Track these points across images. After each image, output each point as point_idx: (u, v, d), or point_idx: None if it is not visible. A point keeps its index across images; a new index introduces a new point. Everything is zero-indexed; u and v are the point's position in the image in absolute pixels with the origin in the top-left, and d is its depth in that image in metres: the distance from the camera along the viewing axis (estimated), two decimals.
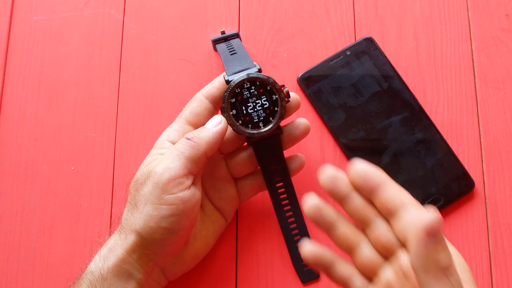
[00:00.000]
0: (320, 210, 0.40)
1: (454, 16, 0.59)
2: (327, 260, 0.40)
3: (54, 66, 0.59)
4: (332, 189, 0.39)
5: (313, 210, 0.40)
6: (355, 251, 0.40)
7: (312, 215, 0.40)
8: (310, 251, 0.40)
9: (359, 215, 0.39)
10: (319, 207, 0.40)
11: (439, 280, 0.33)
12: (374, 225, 0.39)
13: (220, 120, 0.47)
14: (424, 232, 0.32)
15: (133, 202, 0.45)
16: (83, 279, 0.43)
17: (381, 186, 0.38)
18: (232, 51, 0.52)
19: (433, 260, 0.33)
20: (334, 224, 0.40)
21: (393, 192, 0.37)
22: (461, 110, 0.56)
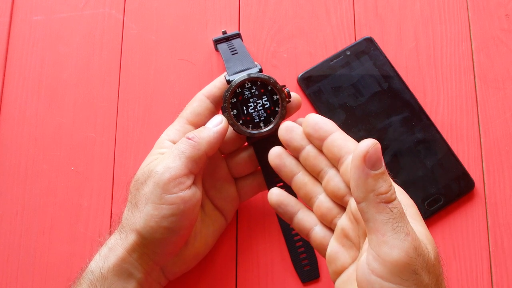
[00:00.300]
0: (282, 158, 0.43)
1: (454, 16, 0.59)
2: (291, 208, 0.44)
3: (54, 66, 0.59)
4: (288, 140, 0.43)
5: (274, 156, 0.44)
6: (313, 202, 0.43)
7: (274, 163, 0.44)
8: (276, 196, 0.44)
9: (312, 165, 0.42)
10: (281, 154, 0.44)
11: (380, 208, 0.33)
12: (326, 175, 0.42)
13: (221, 119, 0.47)
14: (361, 159, 0.33)
15: (133, 201, 0.45)
16: (84, 278, 0.43)
17: (329, 135, 0.40)
18: (234, 51, 0.52)
19: (373, 188, 0.33)
20: (294, 172, 0.43)
21: (339, 140, 0.40)
22: (461, 110, 0.56)
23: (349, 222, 0.40)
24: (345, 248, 0.40)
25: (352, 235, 0.40)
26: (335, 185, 0.41)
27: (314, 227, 0.43)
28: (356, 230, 0.39)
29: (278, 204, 0.44)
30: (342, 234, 0.40)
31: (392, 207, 0.33)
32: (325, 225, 0.42)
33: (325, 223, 0.42)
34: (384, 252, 0.33)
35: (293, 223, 0.44)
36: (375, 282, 0.33)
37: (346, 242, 0.40)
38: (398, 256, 0.33)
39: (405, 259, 0.33)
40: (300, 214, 0.43)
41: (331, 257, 0.41)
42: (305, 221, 0.43)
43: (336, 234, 0.41)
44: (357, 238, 0.39)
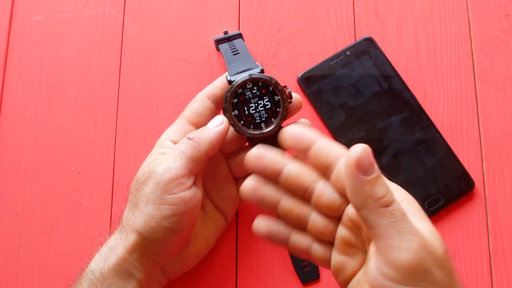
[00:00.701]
0: (257, 190, 0.40)
1: (454, 16, 0.59)
2: (282, 234, 0.41)
3: (54, 66, 0.59)
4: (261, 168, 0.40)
5: (249, 192, 0.40)
6: (306, 223, 0.40)
7: (250, 198, 0.40)
8: (263, 228, 0.41)
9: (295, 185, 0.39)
10: (255, 188, 0.40)
11: (381, 213, 0.33)
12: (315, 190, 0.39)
13: (222, 120, 0.47)
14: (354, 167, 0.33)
15: (134, 201, 0.45)
16: (84, 278, 0.43)
17: (312, 144, 0.38)
18: (235, 51, 0.52)
19: (370, 194, 0.33)
20: (276, 200, 0.40)
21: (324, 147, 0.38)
22: (461, 110, 0.56)
23: (348, 231, 0.38)
24: (349, 256, 0.39)
25: (355, 241, 0.38)
26: (329, 198, 0.38)
27: (312, 246, 0.40)
28: (358, 236, 0.38)
29: (268, 234, 0.41)
30: (344, 244, 0.39)
31: (393, 209, 0.33)
32: (322, 241, 0.40)
33: (323, 239, 0.40)
34: (393, 257, 0.33)
35: (288, 247, 0.41)
36: (391, 287, 0.33)
37: (349, 250, 0.39)
38: (408, 258, 0.32)
39: (416, 260, 0.32)
40: (293, 238, 0.41)
41: (337, 268, 0.39)
42: (301, 243, 0.40)
43: (337, 246, 0.39)
44: (361, 243, 0.38)
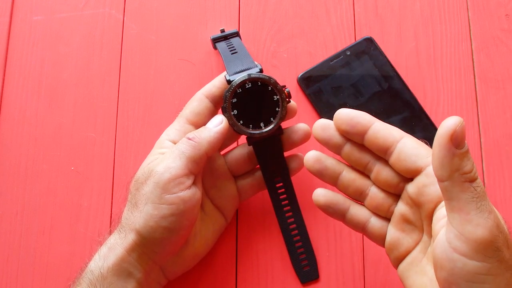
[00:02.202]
0: (321, 161, 0.42)
1: (454, 16, 0.59)
2: (341, 206, 0.42)
3: (54, 66, 0.59)
4: (326, 138, 0.41)
5: (313, 161, 0.42)
6: (365, 195, 0.42)
7: (315, 168, 0.42)
8: (323, 198, 0.42)
9: (356, 160, 0.41)
10: (319, 158, 0.42)
11: (464, 187, 0.33)
12: (374, 166, 0.41)
13: (221, 120, 0.47)
14: (448, 138, 0.32)
15: (133, 201, 0.45)
16: (83, 278, 0.43)
17: (368, 128, 0.39)
18: (233, 50, 0.52)
19: (458, 167, 0.32)
20: (339, 172, 0.42)
21: (382, 131, 0.39)
22: (461, 110, 0.56)
23: (407, 207, 0.40)
24: (406, 233, 0.40)
25: (412, 218, 0.40)
26: (387, 175, 0.40)
27: (370, 219, 0.42)
28: (417, 213, 0.39)
29: (328, 205, 0.42)
30: (402, 220, 0.40)
31: (476, 185, 0.33)
32: (379, 216, 0.42)
33: (381, 213, 0.42)
34: (468, 231, 0.33)
35: (346, 220, 0.43)
36: (458, 260, 0.33)
37: (406, 227, 0.40)
38: (483, 234, 0.32)
39: (489, 237, 0.32)
40: (352, 210, 0.42)
41: (392, 244, 0.41)
42: (359, 216, 0.42)
43: (394, 221, 0.41)
44: (419, 221, 0.40)
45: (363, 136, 0.40)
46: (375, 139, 0.39)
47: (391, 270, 0.52)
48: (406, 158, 0.38)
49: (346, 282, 0.52)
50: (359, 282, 0.52)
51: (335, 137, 0.41)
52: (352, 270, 0.52)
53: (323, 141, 0.41)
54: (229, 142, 0.51)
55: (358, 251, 0.53)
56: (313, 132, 0.42)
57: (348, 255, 0.53)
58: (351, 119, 0.40)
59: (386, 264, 0.52)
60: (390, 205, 0.41)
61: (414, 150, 0.38)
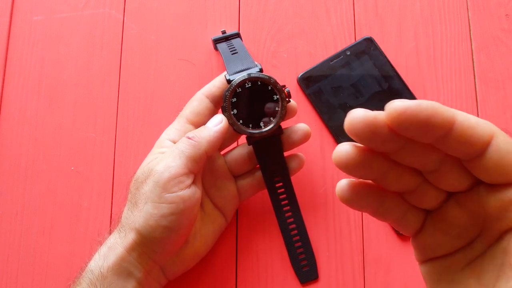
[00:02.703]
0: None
1: (454, 16, 0.59)
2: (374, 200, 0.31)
3: (54, 66, 0.59)
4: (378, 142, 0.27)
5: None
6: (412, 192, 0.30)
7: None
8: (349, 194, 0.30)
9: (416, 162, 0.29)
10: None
11: None
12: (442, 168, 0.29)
13: (221, 119, 0.47)
14: None
15: (133, 200, 0.45)
16: (83, 278, 0.43)
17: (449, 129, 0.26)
18: (233, 50, 0.52)
19: None
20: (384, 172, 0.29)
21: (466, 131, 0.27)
22: (461, 110, 0.56)
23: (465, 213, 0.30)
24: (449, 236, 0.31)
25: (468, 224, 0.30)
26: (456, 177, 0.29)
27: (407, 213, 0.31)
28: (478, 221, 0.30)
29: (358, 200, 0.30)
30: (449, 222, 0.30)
31: None
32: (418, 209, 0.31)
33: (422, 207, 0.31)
34: None
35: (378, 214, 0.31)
36: None
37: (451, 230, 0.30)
38: None
39: None
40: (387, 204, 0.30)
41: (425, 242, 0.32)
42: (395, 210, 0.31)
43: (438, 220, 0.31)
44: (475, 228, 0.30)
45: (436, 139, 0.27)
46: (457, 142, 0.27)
47: (391, 270, 0.52)
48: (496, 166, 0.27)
49: (346, 282, 0.52)
50: (359, 282, 0.52)
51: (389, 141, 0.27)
52: (352, 270, 0.52)
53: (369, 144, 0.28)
54: (229, 142, 0.52)
55: (358, 251, 0.53)
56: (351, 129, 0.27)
57: (348, 255, 0.53)
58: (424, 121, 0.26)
59: (386, 264, 0.52)
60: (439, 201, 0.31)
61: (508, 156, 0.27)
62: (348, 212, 0.54)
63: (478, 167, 0.28)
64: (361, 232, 0.53)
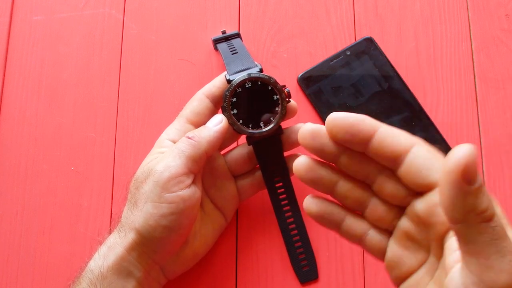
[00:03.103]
0: (314, 170, 0.35)
1: (454, 16, 0.59)
2: (336, 217, 0.36)
3: (54, 66, 0.59)
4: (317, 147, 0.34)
5: (305, 170, 0.35)
6: (365, 206, 0.36)
7: (308, 177, 0.35)
8: (316, 207, 0.36)
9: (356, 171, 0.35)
10: (311, 165, 0.35)
11: (481, 229, 0.28)
12: (377, 178, 0.35)
13: (221, 119, 0.47)
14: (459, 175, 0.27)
15: (133, 200, 0.45)
16: (83, 277, 0.43)
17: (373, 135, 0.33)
18: (233, 50, 0.52)
19: (473, 207, 0.28)
20: (335, 182, 0.35)
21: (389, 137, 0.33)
22: (461, 110, 0.56)
23: (413, 224, 0.34)
24: (409, 251, 0.35)
25: (418, 236, 0.34)
26: (393, 187, 0.34)
27: (368, 232, 0.36)
28: (424, 233, 0.34)
29: (321, 215, 0.36)
30: (405, 237, 0.35)
31: (494, 225, 0.28)
32: (379, 228, 0.36)
33: (381, 226, 0.36)
34: (489, 278, 0.28)
35: (340, 230, 0.37)
36: None
37: (410, 245, 0.35)
38: (506, 281, 0.28)
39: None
40: (348, 221, 0.36)
41: (393, 261, 0.36)
42: (356, 227, 0.36)
43: (397, 237, 0.35)
44: (425, 241, 0.34)
45: (366, 145, 0.33)
46: (380, 149, 0.33)
47: None
48: (417, 171, 0.32)
49: (346, 282, 0.52)
50: (359, 282, 0.52)
51: (329, 147, 0.34)
52: (352, 270, 0.52)
53: (314, 150, 0.34)
54: (229, 142, 0.52)
55: (358, 251, 0.53)
56: (300, 139, 0.34)
57: (348, 255, 0.53)
58: (350, 127, 0.32)
59: None
60: (392, 219, 0.35)
61: (427, 162, 0.32)
62: None
63: (403, 175, 0.33)
64: None
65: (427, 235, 0.34)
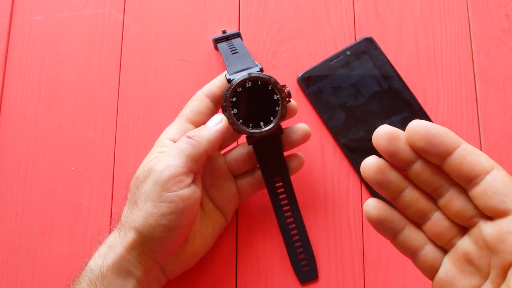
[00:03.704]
0: (384, 172, 0.34)
1: (454, 16, 0.59)
2: (396, 225, 0.35)
3: (54, 66, 0.59)
4: (392, 151, 0.33)
5: (375, 171, 0.34)
6: (426, 219, 0.35)
7: (375, 178, 0.34)
8: (377, 211, 0.35)
9: (427, 181, 0.34)
10: (382, 167, 0.34)
11: None
12: (447, 192, 0.34)
13: (221, 118, 0.47)
14: None
15: (133, 199, 0.45)
16: (83, 277, 0.43)
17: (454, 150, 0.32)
18: (234, 50, 0.52)
19: None
20: (402, 189, 0.35)
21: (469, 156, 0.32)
22: (461, 110, 0.56)
23: (475, 247, 0.33)
24: (464, 274, 0.34)
25: (478, 261, 0.33)
26: (462, 206, 0.33)
27: (424, 246, 0.35)
28: (486, 258, 0.33)
29: (381, 221, 0.35)
30: (463, 258, 0.34)
31: None
32: (436, 245, 0.35)
33: (440, 243, 0.35)
34: None
35: (396, 240, 0.36)
36: None
37: (466, 268, 0.34)
38: None
39: None
40: (406, 231, 0.36)
41: (444, 281, 0.34)
42: (413, 240, 0.35)
43: (454, 257, 0.34)
44: (485, 266, 0.33)
45: (444, 158, 0.32)
46: (459, 166, 0.32)
47: (391, 270, 0.52)
48: (493, 195, 0.31)
49: (346, 282, 0.52)
50: (359, 282, 0.52)
51: (405, 153, 0.33)
52: (352, 270, 0.52)
53: (388, 153, 0.33)
54: (229, 142, 0.52)
55: (358, 251, 0.53)
56: (376, 140, 0.34)
57: (348, 255, 0.53)
58: (432, 137, 0.32)
59: (386, 264, 0.52)
60: (453, 237, 0.34)
61: (505, 187, 0.31)
62: (348, 212, 0.54)
63: (477, 196, 0.32)
64: (361, 232, 0.53)
65: (490, 261, 0.33)
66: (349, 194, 0.54)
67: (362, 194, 0.54)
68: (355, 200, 0.54)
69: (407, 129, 0.33)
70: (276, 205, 0.52)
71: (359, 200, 0.54)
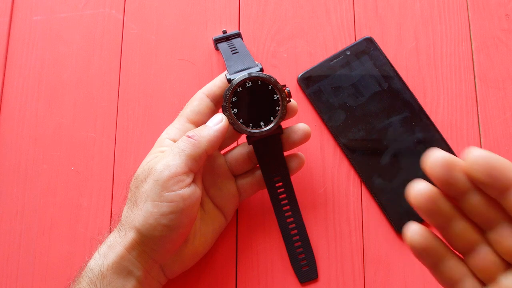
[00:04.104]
0: (435, 201, 0.32)
1: (454, 16, 0.59)
2: (438, 253, 0.33)
3: (54, 66, 0.59)
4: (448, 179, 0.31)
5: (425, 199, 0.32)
6: (471, 251, 0.33)
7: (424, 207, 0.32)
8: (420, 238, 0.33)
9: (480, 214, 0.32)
10: (433, 196, 0.32)
11: None
12: (500, 227, 0.31)
13: (221, 118, 0.47)
14: None
15: (133, 199, 0.45)
16: (83, 276, 0.43)
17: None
18: (234, 50, 0.52)
19: None
20: (451, 218, 0.32)
21: None
22: (461, 110, 0.56)
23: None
24: None
25: None
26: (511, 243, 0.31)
27: (465, 279, 0.33)
28: None
29: (424, 248, 0.33)
30: None
31: None
32: (477, 278, 0.33)
33: (481, 276, 0.33)
34: None
35: (436, 269, 0.34)
36: None
37: None
38: None
39: None
40: (449, 262, 0.33)
41: None
42: (455, 271, 0.33)
43: None
44: None
45: (504, 193, 0.29)
46: None
47: (391, 270, 0.52)
48: None
49: (345, 282, 0.52)
50: (359, 282, 0.52)
51: (462, 183, 0.31)
52: (352, 270, 0.52)
53: (443, 182, 0.31)
54: (229, 142, 0.52)
55: (358, 251, 0.53)
56: (430, 167, 0.31)
57: (348, 255, 0.53)
58: (494, 170, 0.29)
59: (386, 264, 0.52)
60: (496, 271, 0.32)
61: None
62: (348, 212, 0.54)
63: None
64: (361, 232, 0.53)
65: None
66: (349, 194, 0.54)
67: (362, 194, 0.54)
68: (355, 200, 0.54)
69: (467, 160, 0.30)
70: (276, 205, 0.52)
71: (359, 200, 0.54)
